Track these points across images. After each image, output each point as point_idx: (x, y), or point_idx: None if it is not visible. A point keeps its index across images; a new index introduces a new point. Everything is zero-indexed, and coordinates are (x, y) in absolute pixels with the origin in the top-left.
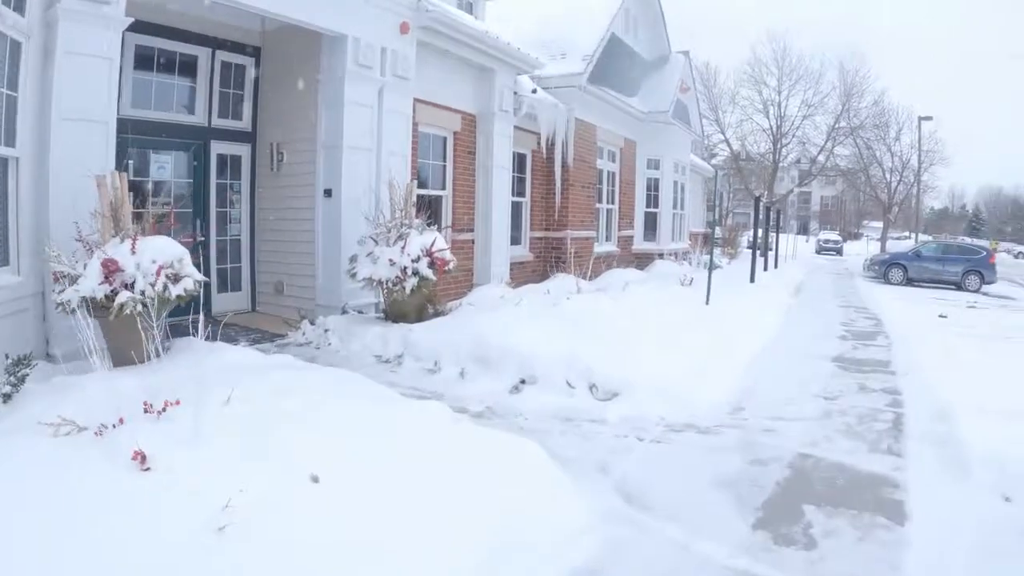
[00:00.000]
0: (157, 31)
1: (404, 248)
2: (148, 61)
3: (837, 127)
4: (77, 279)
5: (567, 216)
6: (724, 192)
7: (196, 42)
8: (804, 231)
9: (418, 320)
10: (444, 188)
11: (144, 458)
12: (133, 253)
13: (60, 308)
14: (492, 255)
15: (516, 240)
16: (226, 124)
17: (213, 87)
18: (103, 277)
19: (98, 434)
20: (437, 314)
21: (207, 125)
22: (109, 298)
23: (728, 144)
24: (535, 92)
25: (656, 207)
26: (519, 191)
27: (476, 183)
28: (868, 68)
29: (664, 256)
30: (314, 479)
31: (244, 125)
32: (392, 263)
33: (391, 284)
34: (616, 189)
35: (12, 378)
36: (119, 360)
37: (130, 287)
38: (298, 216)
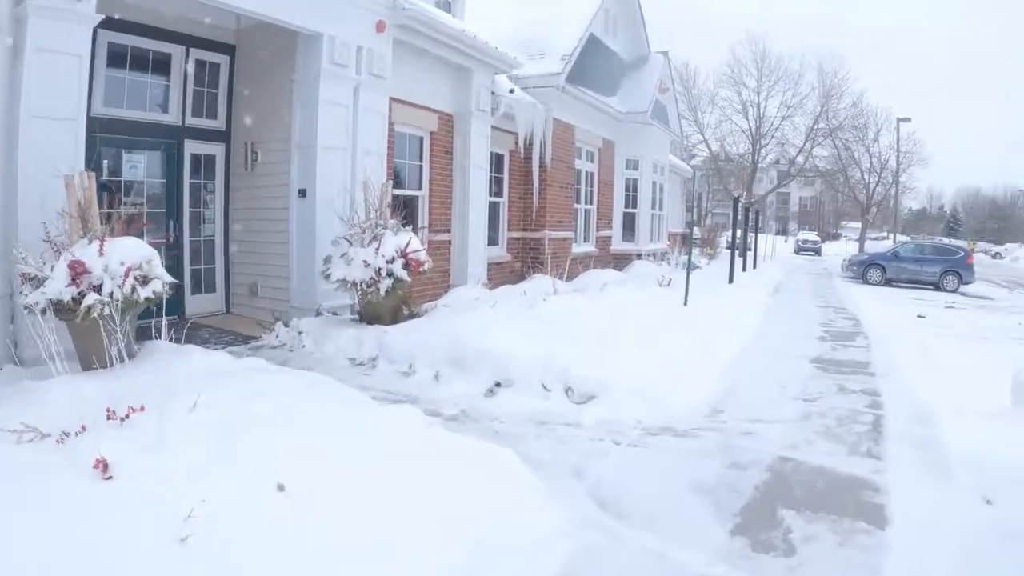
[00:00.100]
0: (130, 28)
1: (378, 249)
2: (121, 59)
3: (816, 128)
4: (44, 281)
5: (545, 216)
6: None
7: (170, 40)
8: (783, 231)
9: (393, 322)
10: (421, 188)
11: (106, 466)
12: (101, 255)
13: (28, 311)
14: (469, 256)
15: (493, 241)
16: (200, 123)
17: (187, 86)
18: (70, 279)
19: (60, 442)
20: (412, 316)
21: (181, 124)
22: (76, 301)
23: (707, 145)
24: (513, 92)
25: (635, 207)
26: (497, 191)
27: (453, 183)
28: (847, 70)
29: (643, 257)
30: (280, 488)
31: (218, 124)
32: (366, 264)
33: (365, 286)
34: (595, 189)
35: None
36: (87, 364)
37: (98, 289)
38: (272, 217)
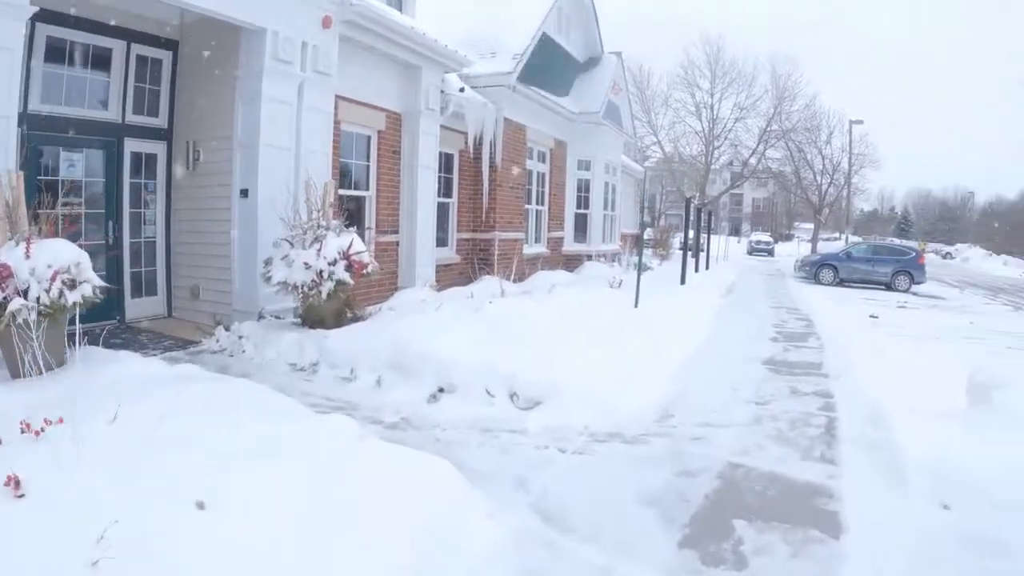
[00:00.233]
0: (69, 22)
1: (320, 251)
2: (60, 54)
3: (769, 130)
4: None
5: (495, 217)
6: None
7: (111, 34)
8: (736, 232)
9: (336, 326)
10: (368, 188)
11: (18, 483)
12: (27, 257)
13: None
14: (417, 257)
15: (443, 242)
16: (141, 121)
17: (128, 82)
18: None
19: None
20: (356, 319)
21: (121, 122)
22: (1, 306)
23: (661, 146)
24: (463, 91)
25: (587, 208)
26: (446, 192)
27: (401, 183)
28: (800, 72)
29: (595, 258)
30: (200, 506)
31: (160, 122)
32: (307, 266)
33: (307, 288)
34: (546, 190)
35: None
36: (15, 372)
37: (24, 294)
38: (215, 217)
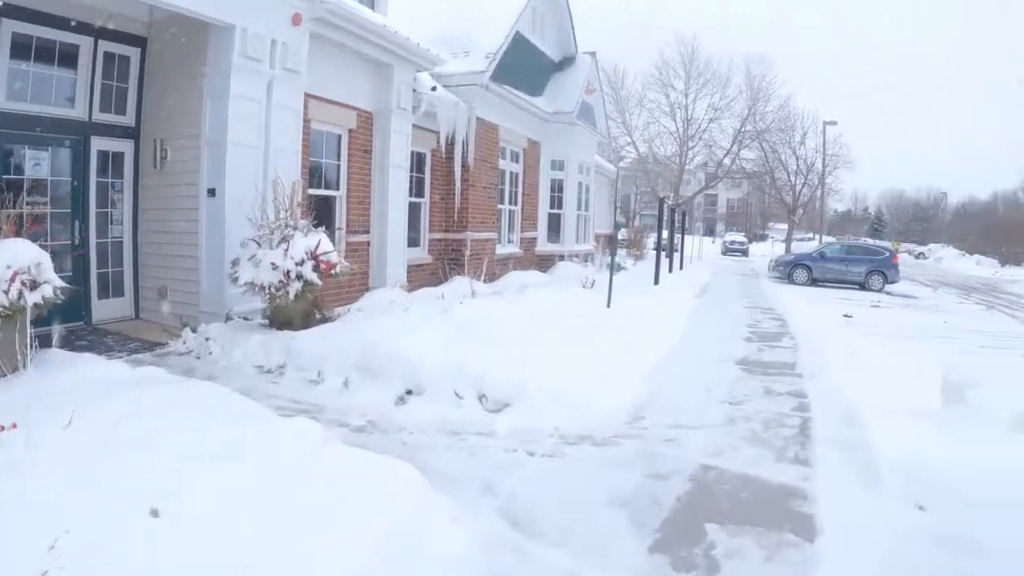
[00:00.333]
0: (36, 18)
1: (287, 251)
2: (26, 50)
3: (743, 130)
4: None
5: (467, 217)
6: (631, 194)
7: (78, 31)
8: (710, 233)
9: (304, 327)
10: (338, 188)
11: None
12: None
13: None
14: (388, 257)
15: (415, 242)
16: (108, 119)
17: (95, 79)
18: None
19: None
20: (324, 320)
21: (88, 120)
22: None
23: (635, 147)
24: (435, 90)
25: (560, 208)
26: (418, 191)
27: (372, 183)
28: (775, 73)
29: (568, 258)
30: (154, 513)
31: (128, 120)
32: (274, 267)
33: (274, 289)
34: (519, 190)
35: None
36: None
37: None
38: (182, 217)
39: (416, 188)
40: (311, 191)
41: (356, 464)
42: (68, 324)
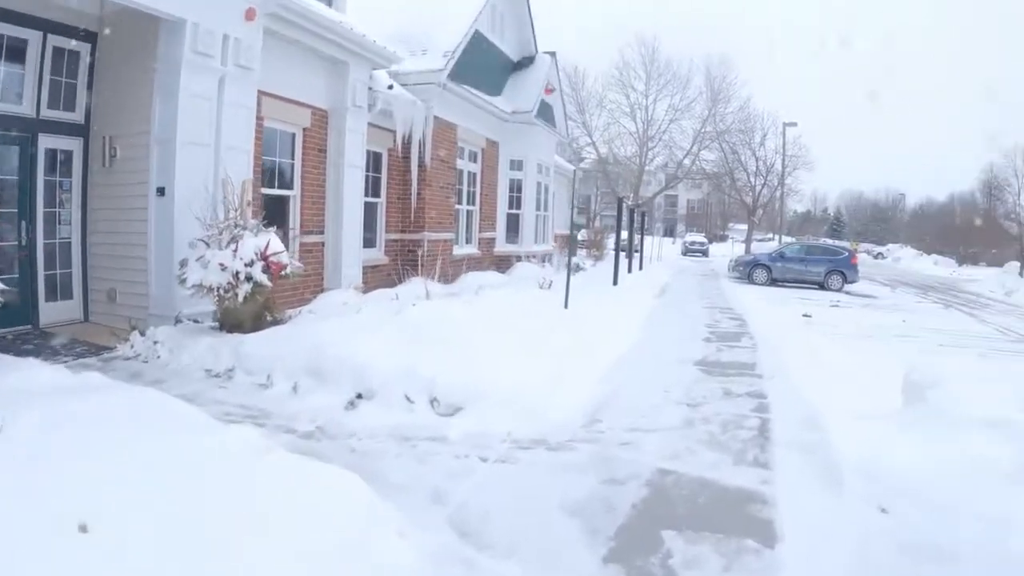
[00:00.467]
0: None
1: (236, 251)
2: None
3: (703, 131)
4: None
5: (424, 218)
6: (592, 194)
7: (26, 24)
8: (671, 233)
9: (254, 329)
10: (292, 188)
11: None
12: None
13: None
14: (343, 258)
15: (371, 242)
16: (57, 116)
17: (44, 75)
18: None
19: None
20: (276, 322)
21: (35, 116)
22: None
23: (595, 147)
24: (391, 88)
25: (519, 209)
26: (374, 191)
27: (327, 182)
28: (735, 74)
29: (527, 258)
30: (82, 529)
31: (77, 117)
32: (223, 268)
33: (223, 291)
34: (477, 190)
35: None
36: None
37: None
38: (132, 217)
39: (372, 188)
40: (264, 190)
41: (298, 474)
42: (14, 328)
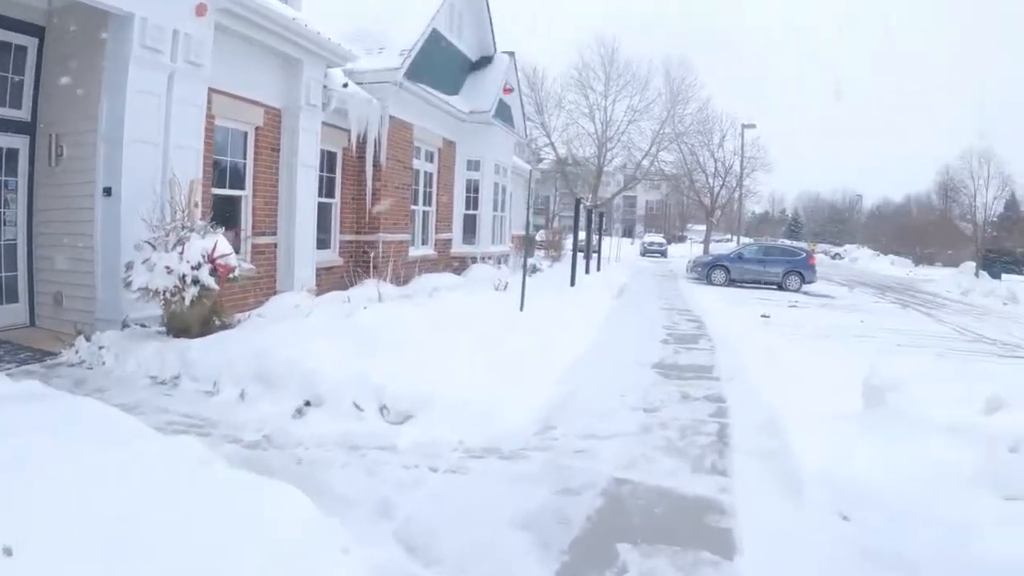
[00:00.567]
0: None
1: (182, 254)
2: None
3: (662, 133)
4: None
5: (379, 218)
6: (551, 195)
7: None
8: (629, 234)
9: (202, 334)
10: (244, 188)
11: None
12: None
13: None
14: (296, 260)
15: (325, 244)
16: (2, 113)
17: None
18: None
19: None
20: (224, 327)
21: None
22: None
23: (554, 148)
24: (347, 87)
25: (476, 209)
26: (329, 192)
27: (280, 182)
28: (694, 76)
29: (484, 260)
30: (6, 552)
31: (23, 114)
32: (169, 270)
33: (169, 294)
34: (434, 191)
35: None
36: None
37: None
38: (78, 218)
39: (327, 188)
40: (215, 191)
41: (238, 489)
42: None
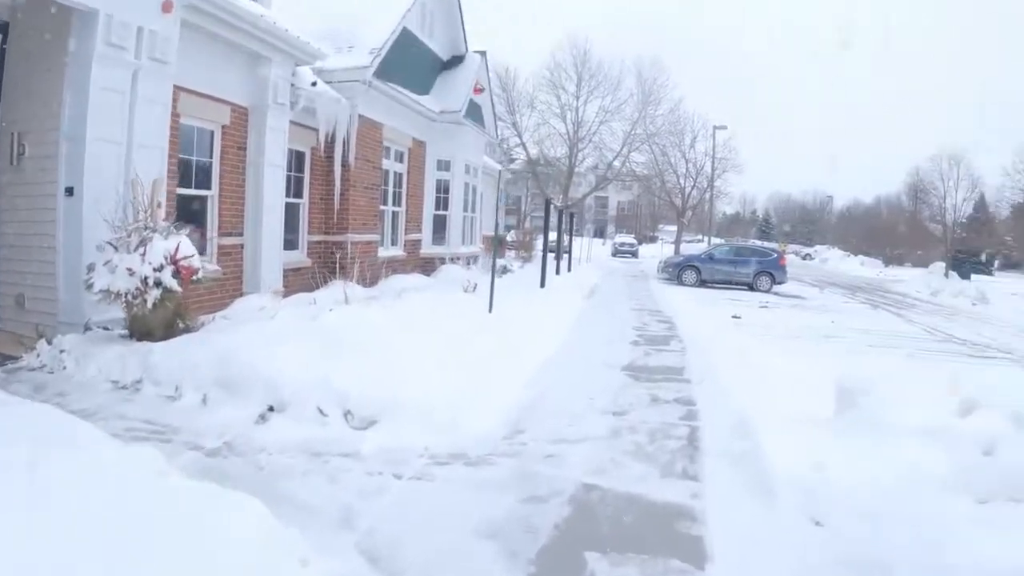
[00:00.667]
0: None
1: (144, 255)
2: None
3: (634, 133)
4: None
5: (348, 219)
6: (523, 195)
7: None
8: (601, 235)
9: (165, 338)
10: (210, 188)
11: None
12: None
13: None
14: (263, 261)
15: (293, 244)
16: None
17: None
18: None
19: None
20: (188, 330)
21: None
22: None
23: (525, 148)
24: (315, 85)
25: (446, 210)
26: (297, 192)
27: (247, 182)
28: (666, 76)
29: (455, 260)
30: None
31: None
32: (131, 272)
33: (131, 297)
34: (404, 191)
35: None
36: None
37: None
38: (40, 218)
39: (295, 188)
40: (180, 190)
41: (194, 500)
42: None
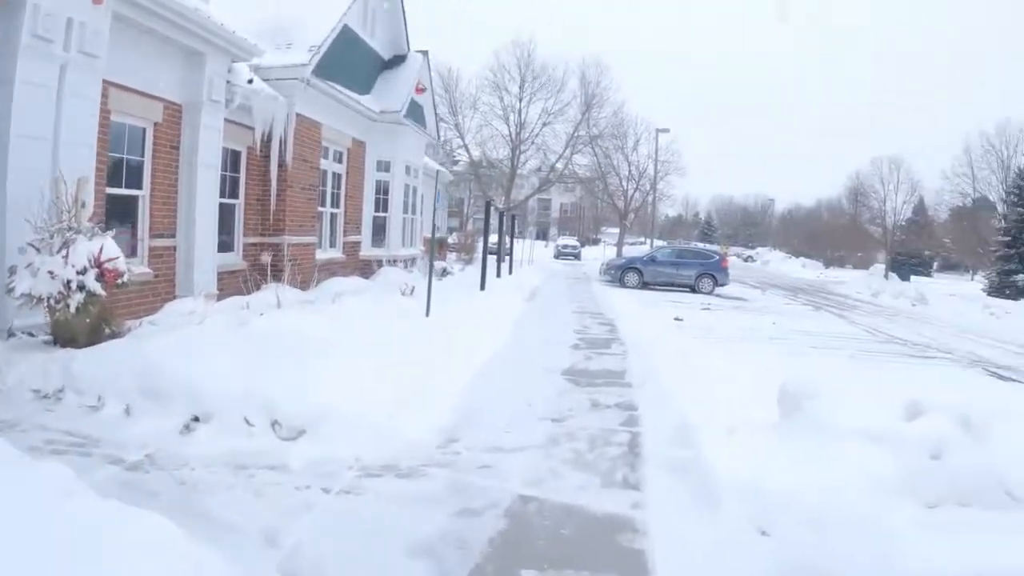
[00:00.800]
0: None
1: (67, 258)
2: None
3: (576, 135)
4: None
5: (284, 220)
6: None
7: None
8: (543, 236)
9: (90, 344)
10: (142, 187)
11: None
12: None
13: None
14: (196, 263)
15: (228, 246)
16: None
17: None
18: None
19: None
20: (115, 335)
21: None
22: None
23: (467, 150)
24: (252, 82)
25: (386, 211)
26: (232, 192)
27: (180, 182)
28: (610, 79)
29: (394, 263)
30: None
31: None
32: (53, 276)
33: (53, 301)
34: (342, 192)
35: None
36: None
37: None
38: None
39: (230, 188)
40: (110, 190)
41: (103, 523)
42: None
